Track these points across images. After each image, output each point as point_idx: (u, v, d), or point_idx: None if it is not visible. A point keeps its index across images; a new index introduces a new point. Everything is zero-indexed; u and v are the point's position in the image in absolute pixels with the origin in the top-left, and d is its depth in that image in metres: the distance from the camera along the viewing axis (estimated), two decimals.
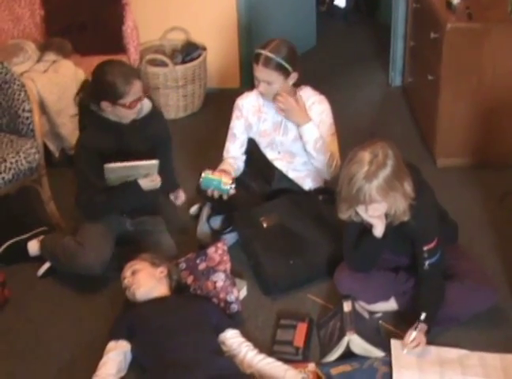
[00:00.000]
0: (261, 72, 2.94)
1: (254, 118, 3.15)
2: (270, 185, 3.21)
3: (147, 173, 2.88)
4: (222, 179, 2.94)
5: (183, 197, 3.17)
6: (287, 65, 2.93)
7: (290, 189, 3.18)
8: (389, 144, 2.38)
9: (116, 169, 2.84)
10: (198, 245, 3.09)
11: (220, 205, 3.02)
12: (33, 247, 3.10)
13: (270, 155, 3.20)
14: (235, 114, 3.19)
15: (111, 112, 2.86)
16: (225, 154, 3.23)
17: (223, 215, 3.13)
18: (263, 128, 3.15)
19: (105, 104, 2.83)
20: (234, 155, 3.22)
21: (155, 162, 2.86)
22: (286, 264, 2.88)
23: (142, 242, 3.03)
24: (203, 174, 2.95)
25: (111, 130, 2.90)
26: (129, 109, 2.83)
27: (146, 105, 2.98)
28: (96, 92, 2.85)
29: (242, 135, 3.20)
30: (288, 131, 3.12)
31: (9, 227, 3.26)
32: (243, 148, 3.23)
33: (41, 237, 3.13)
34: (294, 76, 2.99)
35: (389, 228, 2.53)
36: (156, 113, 3.03)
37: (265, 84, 2.97)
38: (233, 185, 2.93)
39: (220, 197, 2.97)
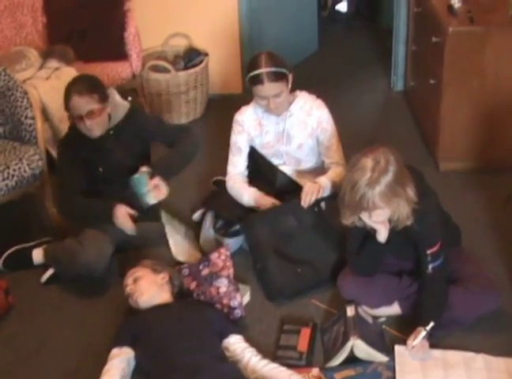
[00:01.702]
0: (268, 88, 2.91)
1: (255, 132, 3.14)
2: (275, 185, 3.19)
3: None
4: None
5: None
6: (284, 71, 2.95)
7: (295, 190, 3.15)
8: (390, 150, 2.38)
9: None
10: (201, 251, 3.09)
11: (228, 211, 3.03)
12: (38, 255, 3.10)
13: (276, 163, 3.20)
14: (237, 129, 3.15)
15: None
16: (232, 170, 3.17)
17: (225, 219, 3.13)
18: (266, 140, 3.14)
19: (68, 115, 2.90)
20: (240, 170, 3.18)
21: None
22: (294, 272, 2.88)
23: (144, 249, 3.03)
24: None
25: (87, 139, 2.94)
26: (78, 123, 2.87)
27: (121, 109, 2.97)
28: None
29: (247, 148, 3.19)
30: (291, 140, 3.11)
31: (13, 234, 3.27)
32: (247, 162, 3.22)
33: (45, 245, 3.13)
34: (291, 78, 3.00)
35: (392, 232, 2.53)
36: (132, 114, 3.02)
37: (275, 98, 2.95)
38: None
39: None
